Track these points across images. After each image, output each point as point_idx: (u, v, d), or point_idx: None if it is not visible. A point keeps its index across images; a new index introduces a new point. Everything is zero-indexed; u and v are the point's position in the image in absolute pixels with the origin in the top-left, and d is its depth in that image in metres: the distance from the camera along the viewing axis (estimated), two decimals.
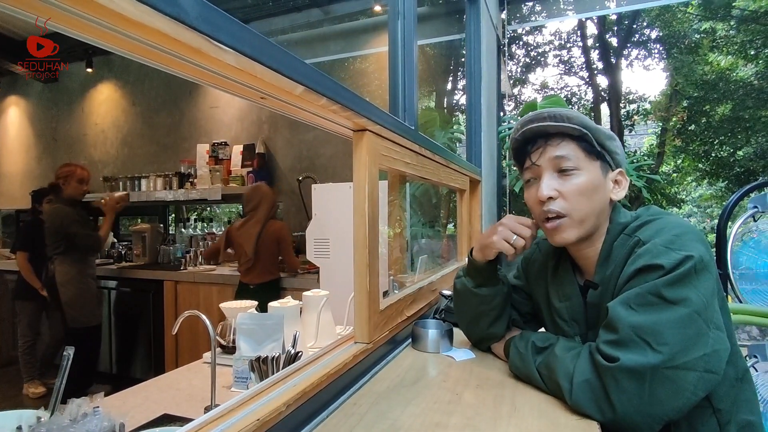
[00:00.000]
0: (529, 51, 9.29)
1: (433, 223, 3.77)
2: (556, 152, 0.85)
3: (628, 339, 0.72)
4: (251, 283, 2.78)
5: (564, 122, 0.84)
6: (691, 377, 0.69)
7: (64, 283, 2.84)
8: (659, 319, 0.71)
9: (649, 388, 0.69)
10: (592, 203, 0.85)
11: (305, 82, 0.67)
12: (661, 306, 0.72)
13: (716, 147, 8.07)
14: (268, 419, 0.62)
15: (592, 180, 0.85)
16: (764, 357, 2.01)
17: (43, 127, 5.14)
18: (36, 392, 3.31)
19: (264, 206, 2.79)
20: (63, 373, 0.62)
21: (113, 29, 0.44)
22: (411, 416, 0.76)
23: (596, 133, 0.85)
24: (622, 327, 0.73)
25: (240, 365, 1.15)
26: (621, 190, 0.89)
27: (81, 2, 0.39)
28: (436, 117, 3.68)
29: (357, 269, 0.93)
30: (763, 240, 2.08)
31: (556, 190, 0.85)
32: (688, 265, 0.72)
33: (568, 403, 0.77)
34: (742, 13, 7.71)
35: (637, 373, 0.70)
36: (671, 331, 0.70)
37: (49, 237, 2.84)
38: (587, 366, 0.76)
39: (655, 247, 0.76)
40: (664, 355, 0.69)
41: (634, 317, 0.73)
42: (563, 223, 0.85)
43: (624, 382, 0.70)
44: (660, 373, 0.69)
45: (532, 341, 0.91)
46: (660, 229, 0.80)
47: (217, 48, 0.51)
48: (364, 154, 0.93)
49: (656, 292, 0.73)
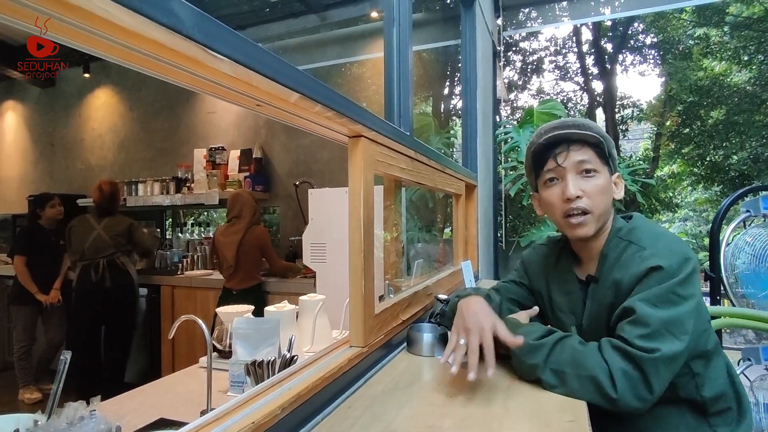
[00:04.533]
0: (526, 57, 9.35)
1: (429, 227, 3.78)
2: (579, 156, 0.97)
3: (662, 331, 0.83)
4: (234, 289, 2.82)
5: (586, 130, 0.96)
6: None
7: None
8: (680, 313, 0.85)
9: (672, 372, 0.84)
10: (607, 201, 0.98)
11: (300, 90, 0.68)
12: (679, 302, 0.85)
13: (711, 151, 8.12)
14: (264, 422, 0.63)
15: (607, 181, 0.98)
16: (758, 360, 2.03)
17: (40, 131, 5.15)
18: (31, 398, 3.29)
19: (246, 214, 2.84)
20: (60, 377, 0.63)
21: (112, 40, 0.45)
22: (405, 419, 0.77)
23: (607, 141, 0.99)
24: (653, 322, 0.83)
25: (236, 369, 1.16)
26: (620, 191, 1.02)
27: (80, 14, 0.40)
28: (431, 122, 3.70)
29: (352, 273, 0.94)
30: (755, 244, 2.10)
31: (581, 189, 0.96)
32: (690, 266, 0.87)
33: (611, 396, 0.81)
34: (735, 20, 7.80)
35: (672, 360, 0.83)
36: (689, 322, 0.85)
37: (119, 236, 3.09)
38: (618, 358, 0.84)
39: (659, 251, 0.90)
40: (688, 342, 0.83)
41: (660, 313, 0.84)
42: (587, 219, 0.96)
43: (662, 369, 0.82)
44: (682, 357, 0.84)
45: (544, 341, 0.90)
46: (654, 234, 0.95)
47: (213, 57, 0.52)
48: (360, 160, 0.94)
49: (674, 291, 0.85)
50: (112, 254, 3.05)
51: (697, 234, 10.92)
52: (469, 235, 2.12)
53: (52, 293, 3.34)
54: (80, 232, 3.07)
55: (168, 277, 3.45)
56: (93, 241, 3.01)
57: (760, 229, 2.14)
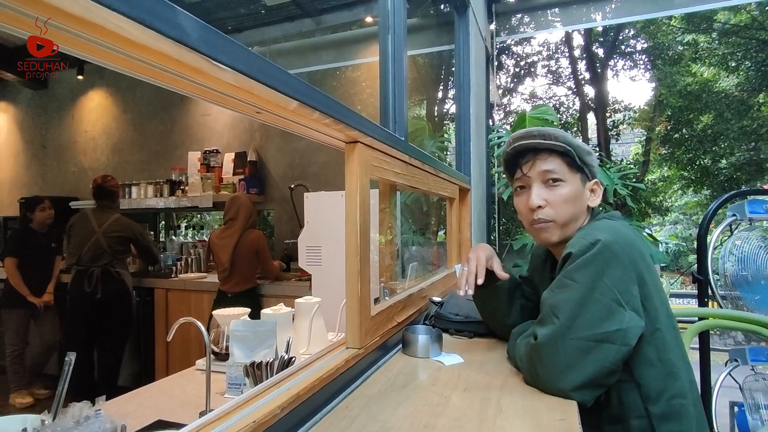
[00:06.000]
0: (518, 61, 9.44)
1: (423, 230, 3.80)
2: (544, 166, 0.98)
3: (546, 317, 0.86)
4: (229, 292, 2.82)
5: (552, 140, 0.98)
6: (612, 349, 0.81)
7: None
8: (568, 297, 0.84)
9: (564, 356, 0.82)
10: (575, 209, 0.99)
11: (299, 97, 0.70)
12: (572, 286, 0.85)
13: (700, 155, 8.25)
14: (264, 421, 0.64)
15: (574, 190, 0.99)
16: (744, 361, 2.07)
17: (32, 134, 5.11)
18: (23, 402, 3.26)
19: (241, 217, 2.85)
20: (65, 378, 0.64)
21: (121, 52, 0.47)
22: (401, 418, 0.79)
23: (578, 150, 0.98)
24: (543, 307, 0.88)
25: (233, 371, 1.17)
26: (596, 198, 1.02)
27: (90, 28, 0.41)
28: (425, 126, 3.73)
29: (349, 276, 0.95)
30: (742, 247, 2.14)
31: (544, 199, 0.98)
32: (594, 249, 0.85)
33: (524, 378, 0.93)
34: (723, 27, 7.94)
35: (548, 345, 0.84)
36: (573, 304, 0.83)
37: (118, 244, 3.05)
38: (526, 346, 0.91)
39: (575, 239, 0.91)
40: (566, 326, 0.82)
41: (552, 298, 0.87)
42: (550, 226, 0.99)
43: (543, 356, 0.84)
44: (570, 343, 0.82)
45: (513, 333, 1.05)
46: (589, 226, 0.97)
47: (217, 67, 0.54)
48: (356, 165, 0.96)
49: (569, 276, 0.86)
50: (107, 263, 2.99)
51: (687, 237, 11.06)
52: (462, 238, 2.15)
53: (46, 296, 3.32)
54: (80, 233, 3.00)
55: (162, 280, 3.44)
56: (91, 247, 2.96)
57: (746, 232, 2.19)
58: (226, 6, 3.80)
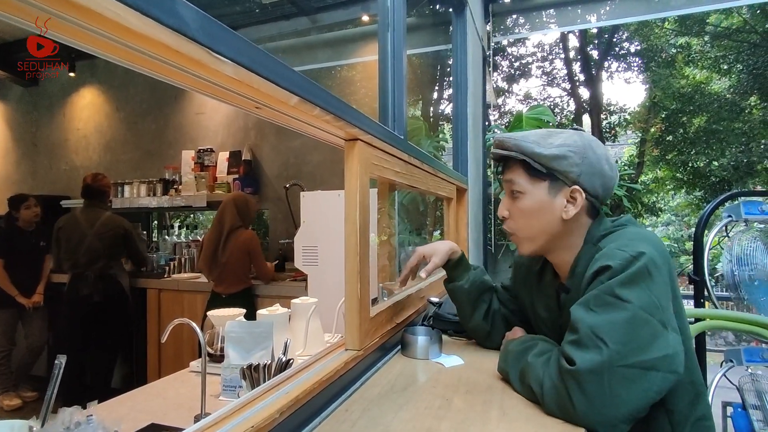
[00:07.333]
0: (513, 62, 9.47)
1: (420, 230, 3.79)
2: (507, 176, 0.95)
3: (587, 339, 0.73)
4: (223, 293, 2.78)
5: (506, 150, 0.92)
6: (657, 377, 0.70)
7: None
8: (614, 318, 0.73)
9: (609, 387, 0.70)
10: (539, 222, 0.91)
11: (300, 93, 0.68)
12: (617, 305, 0.74)
13: (693, 157, 8.31)
14: (263, 426, 0.62)
15: (536, 202, 0.90)
16: (740, 361, 2.08)
17: (22, 131, 5.03)
18: (11, 404, 3.21)
19: (226, 219, 2.79)
20: (55, 382, 0.61)
21: (117, 41, 0.45)
22: (402, 422, 0.77)
23: (537, 157, 0.88)
24: (581, 327, 0.75)
25: (229, 373, 1.14)
26: (574, 207, 0.88)
27: (88, 15, 0.39)
28: (422, 125, 3.72)
29: (348, 277, 0.94)
30: (736, 248, 2.15)
31: (507, 209, 0.95)
32: (638, 264, 0.75)
33: (545, 409, 0.79)
34: (715, 30, 8.02)
35: (594, 373, 0.71)
36: (624, 329, 0.72)
37: (112, 245, 2.98)
38: (554, 370, 0.78)
39: (609, 251, 0.80)
40: (616, 352, 0.70)
41: (592, 318, 0.75)
42: (515, 238, 0.97)
43: (585, 384, 0.71)
44: (618, 372, 0.70)
45: (510, 348, 0.95)
46: (619, 236, 0.85)
47: (217, 59, 0.52)
48: (356, 163, 0.94)
49: (611, 292, 0.75)
50: (104, 266, 2.93)
51: (679, 238, 11.16)
52: (459, 238, 2.13)
53: (35, 296, 3.26)
54: (71, 236, 2.92)
55: (154, 280, 3.40)
56: (86, 250, 2.89)
57: (742, 233, 2.20)
58: (221, 3, 3.76)
